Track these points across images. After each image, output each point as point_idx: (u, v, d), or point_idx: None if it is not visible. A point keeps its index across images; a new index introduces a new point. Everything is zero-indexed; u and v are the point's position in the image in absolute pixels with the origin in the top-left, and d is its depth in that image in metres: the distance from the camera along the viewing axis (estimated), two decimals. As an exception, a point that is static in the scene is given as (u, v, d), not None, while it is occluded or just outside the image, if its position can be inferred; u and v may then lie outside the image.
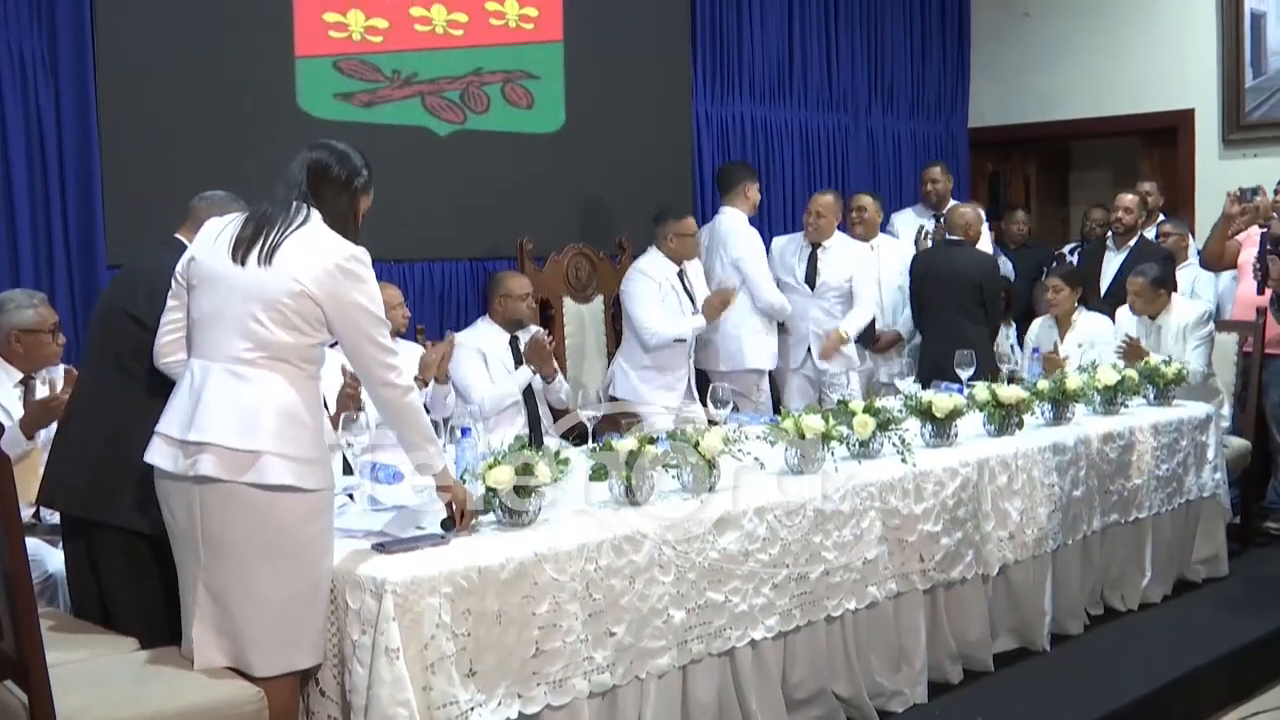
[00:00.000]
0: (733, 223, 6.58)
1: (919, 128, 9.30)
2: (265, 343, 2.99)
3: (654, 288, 6.07)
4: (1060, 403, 5.13)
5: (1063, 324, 6.47)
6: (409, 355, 5.07)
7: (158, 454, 3.06)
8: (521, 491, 3.37)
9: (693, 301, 6.20)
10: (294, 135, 3.27)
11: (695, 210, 7.27)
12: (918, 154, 9.21)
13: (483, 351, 5.65)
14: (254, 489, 2.95)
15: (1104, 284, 7.20)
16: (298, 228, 3.04)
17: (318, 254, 3.01)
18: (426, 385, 5.10)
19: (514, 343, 5.75)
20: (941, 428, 4.64)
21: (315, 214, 3.08)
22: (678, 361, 6.16)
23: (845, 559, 4.06)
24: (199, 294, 3.09)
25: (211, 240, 3.12)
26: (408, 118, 6.37)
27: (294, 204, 3.07)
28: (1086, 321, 6.45)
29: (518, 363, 5.70)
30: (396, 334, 5.01)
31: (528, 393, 5.73)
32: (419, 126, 6.42)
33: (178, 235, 3.55)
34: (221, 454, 2.95)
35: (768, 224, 7.72)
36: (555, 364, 5.78)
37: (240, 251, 3.04)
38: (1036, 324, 6.64)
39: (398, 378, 3.10)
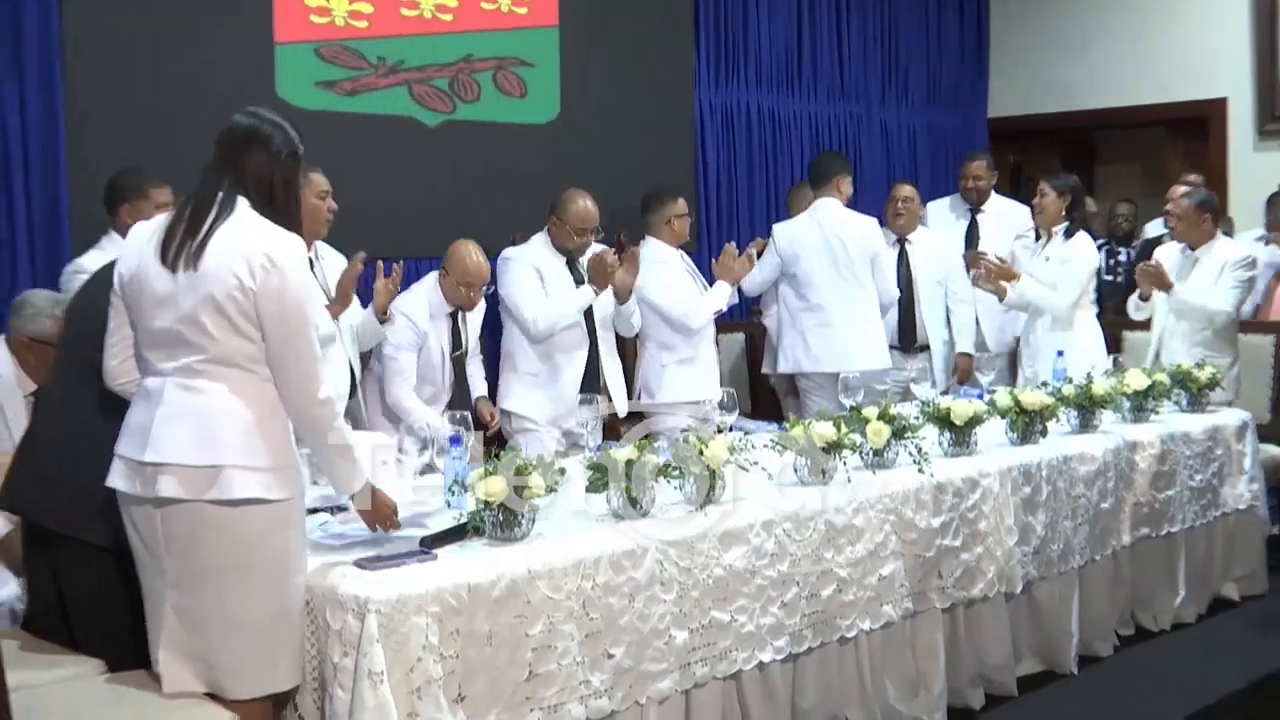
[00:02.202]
0: (846, 214, 6.57)
1: (935, 119, 9.30)
2: (212, 350, 2.97)
3: (672, 273, 6.04)
4: (1087, 409, 5.12)
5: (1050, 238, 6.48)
6: (333, 263, 4.95)
7: (118, 477, 3.06)
8: (515, 504, 3.34)
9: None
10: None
11: (699, 205, 7.27)
12: (934, 146, 9.21)
13: (539, 268, 5.55)
14: (218, 506, 2.94)
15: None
16: (224, 219, 2.99)
17: (248, 244, 2.96)
18: (342, 309, 4.80)
19: (572, 265, 5.65)
20: (961, 436, 4.62)
21: (241, 201, 3.02)
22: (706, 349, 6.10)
23: (859, 576, 4.03)
24: (137, 308, 3.07)
25: (138, 249, 3.08)
26: (394, 107, 6.36)
27: (218, 195, 3.02)
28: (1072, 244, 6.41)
29: (577, 280, 5.60)
30: (316, 237, 4.77)
31: (589, 322, 5.63)
32: (406, 117, 6.41)
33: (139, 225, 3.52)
34: (181, 473, 2.94)
35: (778, 217, 7.71)
36: (632, 278, 5.64)
37: (169, 256, 3.00)
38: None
39: (325, 393, 3.05)
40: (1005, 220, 7.38)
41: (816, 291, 6.46)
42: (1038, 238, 6.61)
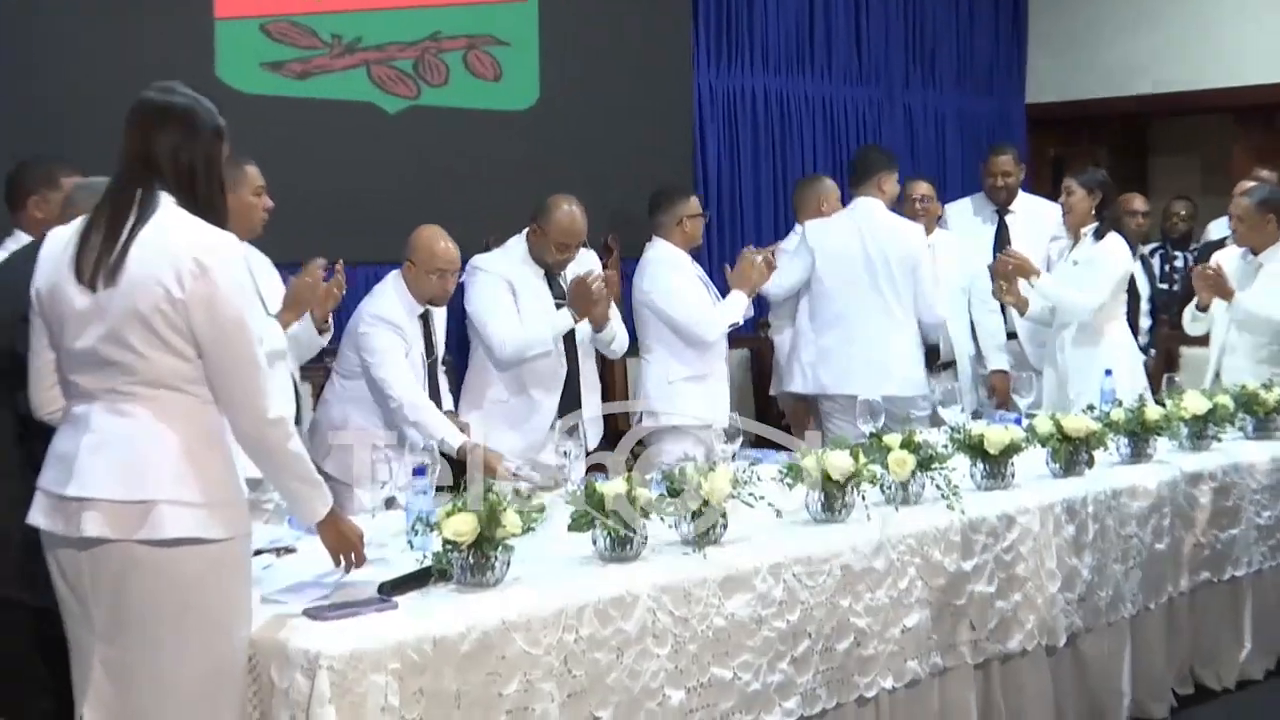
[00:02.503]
0: (890, 219, 6.62)
1: (966, 104, 9.33)
2: (142, 370, 2.97)
3: (684, 278, 6.08)
4: (1139, 436, 5.13)
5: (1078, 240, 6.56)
6: (261, 267, 4.92)
7: (39, 513, 3.06)
8: (487, 545, 3.34)
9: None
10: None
11: (703, 200, 7.26)
12: (964, 135, 9.25)
13: (511, 281, 5.56)
14: (149, 546, 2.93)
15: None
16: (145, 221, 2.98)
17: (173, 248, 2.95)
18: (295, 318, 4.78)
19: (551, 278, 5.68)
20: (996, 467, 4.63)
21: (165, 198, 3.02)
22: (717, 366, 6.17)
23: (879, 627, 4.04)
24: (57, 328, 3.06)
25: (54, 260, 3.07)
26: (351, 92, 6.38)
27: (137, 192, 3.00)
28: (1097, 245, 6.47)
29: (556, 294, 5.64)
30: (248, 238, 4.67)
31: (570, 347, 5.66)
32: (364, 102, 6.43)
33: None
34: (107, 509, 2.94)
35: (786, 214, 7.75)
36: (607, 306, 5.66)
37: (85, 271, 2.98)
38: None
39: (276, 411, 3.05)
40: (1038, 221, 7.36)
41: (845, 302, 6.50)
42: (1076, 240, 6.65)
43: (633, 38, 7.37)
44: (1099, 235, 6.36)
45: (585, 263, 5.86)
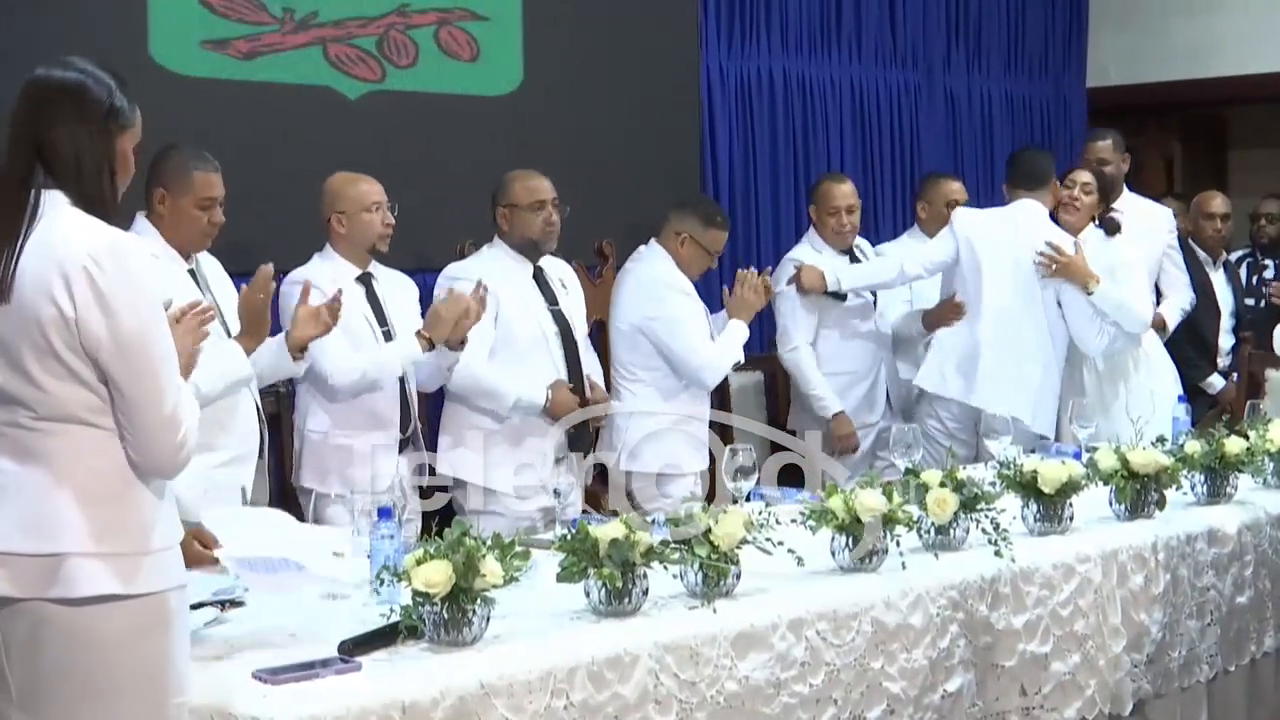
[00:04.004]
0: (1056, 233, 6.72)
1: (1017, 88, 9.36)
2: (44, 405, 2.95)
3: (692, 303, 6.21)
4: (1218, 472, 5.13)
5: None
6: (218, 277, 5.05)
7: None
8: (464, 598, 3.36)
9: None
10: (145, 100, 3.24)
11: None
12: (1015, 124, 9.26)
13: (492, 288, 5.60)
14: (62, 606, 2.92)
15: None
16: (31, 226, 2.96)
17: (62, 255, 2.92)
18: (255, 341, 4.80)
19: (540, 277, 5.86)
20: (1051, 508, 4.64)
21: (54, 196, 3.00)
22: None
23: (916, 692, 4.05)
24: None
25: None
26: (305, 74, 6.39)
27: (30, 192, 2.98)
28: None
29: (548, 299, 5.82)
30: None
31: (569, 346, 5.84)
32: (321, 86, 6.44)
33: None
34: (14, 565, 2.93)
35: (807, 219, 7.77)
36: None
37: None
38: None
39: (187, 439, 3.02)
40: (1146, 223, 7.35)
41: (982, 305, 6.66)
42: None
43: (631, 12, 7.38)
44: (1109, 232, 6.49)
45: (560, 269, 6.03)
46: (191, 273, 4.88)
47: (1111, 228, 6.67)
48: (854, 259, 6.99)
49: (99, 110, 3.04)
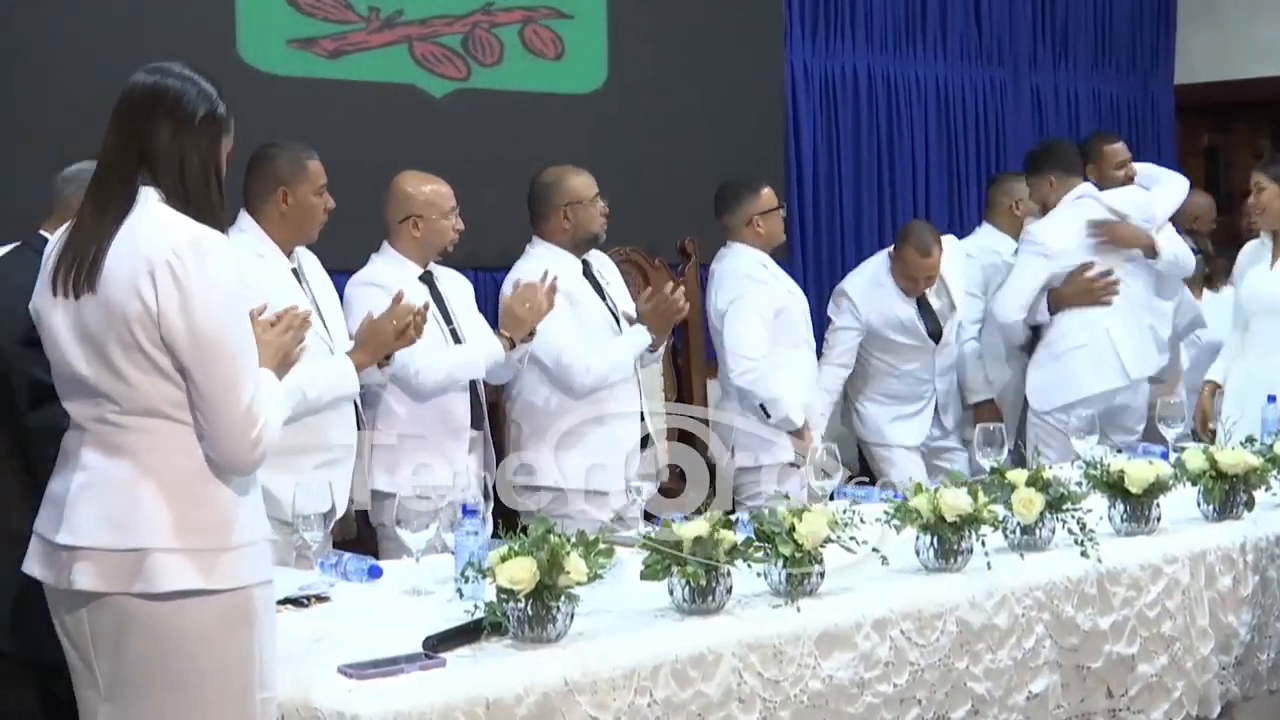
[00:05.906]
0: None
1: (1104, 86, 9.30)
2: (129, 398, 2.97)
3: (759, 302, 6.19)
4: (1309, 473, 5.09)
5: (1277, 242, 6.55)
6: (317, 275, 5.11)
7: (35, 562, 3.09)
8: (548, 594, 3.37)
9: None
10: (233, 99, 3.26)
11: (790, 198, 7.29)
12: (1102, 122, 9.19)
13: (563, 288, 5.62)
14: (145, 601, 2.94)
15: None
16: (122, 220, 2.99)
17: (148, 249, 2.94)
18: (370, 360, 4.95)
19: (588, 270, 5.85)
20: (1138, 508, 4.61)
21: (148, 192, 3.02)
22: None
23: (1001, 693, 4.03)
24: (49, 346, 3.08)
25: (43, 270, 3.09)
26: (390, 73, 6.43)
27: (123, 189, 3.01)
28: None
29: (599, 292, 5.82)
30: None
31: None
32: (406, 84, 6.48)
33: (42, 232, 3.60)
34: (99, 560, 2.95)
35: (892, 214, 7.75)
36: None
37: (61, 280, 3.00)
38: (1246, 250, 6.70)
39: (263, 436, 3.03)
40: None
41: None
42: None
43: (715, 9, 7.39)
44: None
45: (600, 261, 6.03)
46: (294, 271, 4.92)
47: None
48: (921, 304, 6.95)
49: (204, 116, 3.06)
